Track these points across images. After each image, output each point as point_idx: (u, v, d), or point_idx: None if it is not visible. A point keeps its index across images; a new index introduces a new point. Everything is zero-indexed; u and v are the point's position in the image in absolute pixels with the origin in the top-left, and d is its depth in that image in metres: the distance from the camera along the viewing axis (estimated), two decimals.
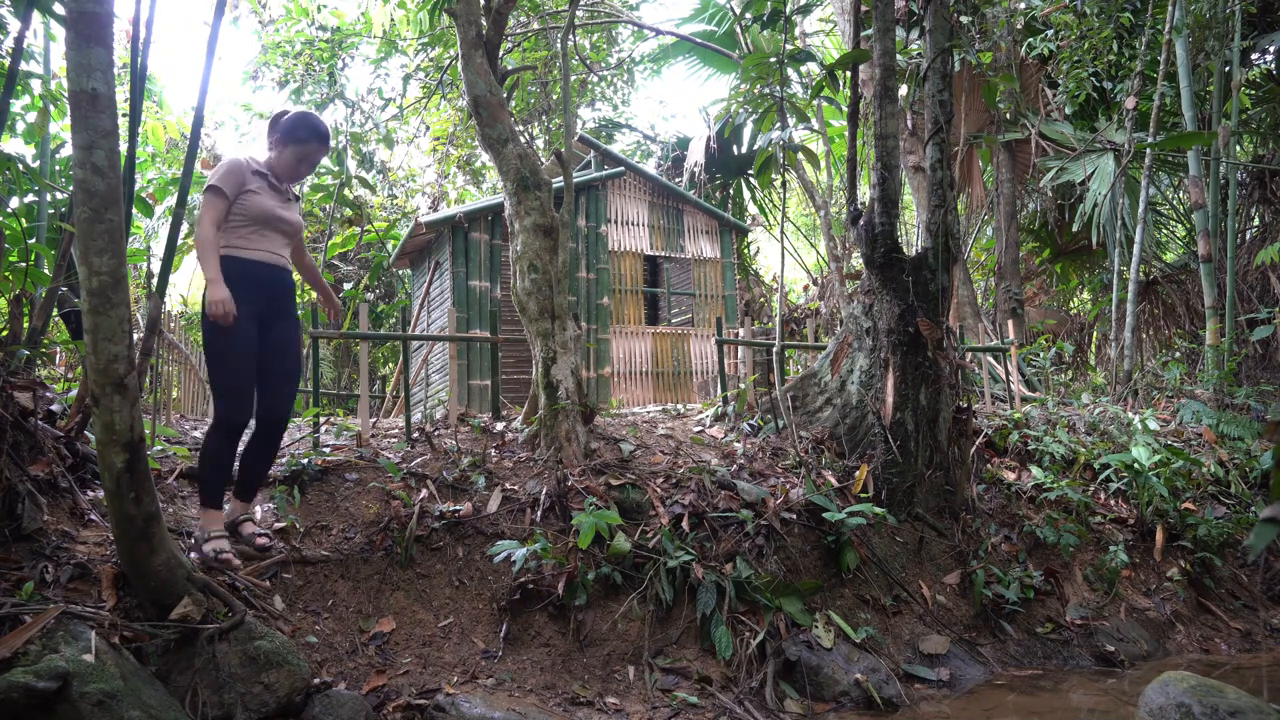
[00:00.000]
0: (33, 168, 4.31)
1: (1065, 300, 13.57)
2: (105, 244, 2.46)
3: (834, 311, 11.33)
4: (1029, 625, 4.22)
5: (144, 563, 2.62)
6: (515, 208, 4.71)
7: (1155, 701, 2.58)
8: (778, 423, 5.07)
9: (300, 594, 3.27)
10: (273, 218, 3.31)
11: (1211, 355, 7.40)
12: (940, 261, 4.57)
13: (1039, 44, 9.52)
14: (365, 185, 8.52)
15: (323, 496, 3.81)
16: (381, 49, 13.55)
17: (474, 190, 16.11)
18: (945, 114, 4.69)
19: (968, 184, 11.36)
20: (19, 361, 3.41)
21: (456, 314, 8.74)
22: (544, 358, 4.51)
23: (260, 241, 3.29)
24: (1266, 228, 9.37)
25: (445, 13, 5.26)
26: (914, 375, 4.46)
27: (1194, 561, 4.91)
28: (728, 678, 3.38)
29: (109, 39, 2.52)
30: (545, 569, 3.53)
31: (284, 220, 3.35)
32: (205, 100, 3.85)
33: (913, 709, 3.35)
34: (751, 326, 7.88)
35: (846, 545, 4.01)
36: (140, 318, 6.74)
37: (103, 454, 2.53)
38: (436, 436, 4.62)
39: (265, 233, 3.30)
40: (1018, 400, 6.68)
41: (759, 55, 5.63)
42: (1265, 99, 9.49)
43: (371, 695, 2.91)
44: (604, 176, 11.11)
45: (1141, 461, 5.02)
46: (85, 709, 2.10)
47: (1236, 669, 4.06)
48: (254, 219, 3.27)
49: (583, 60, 12.49)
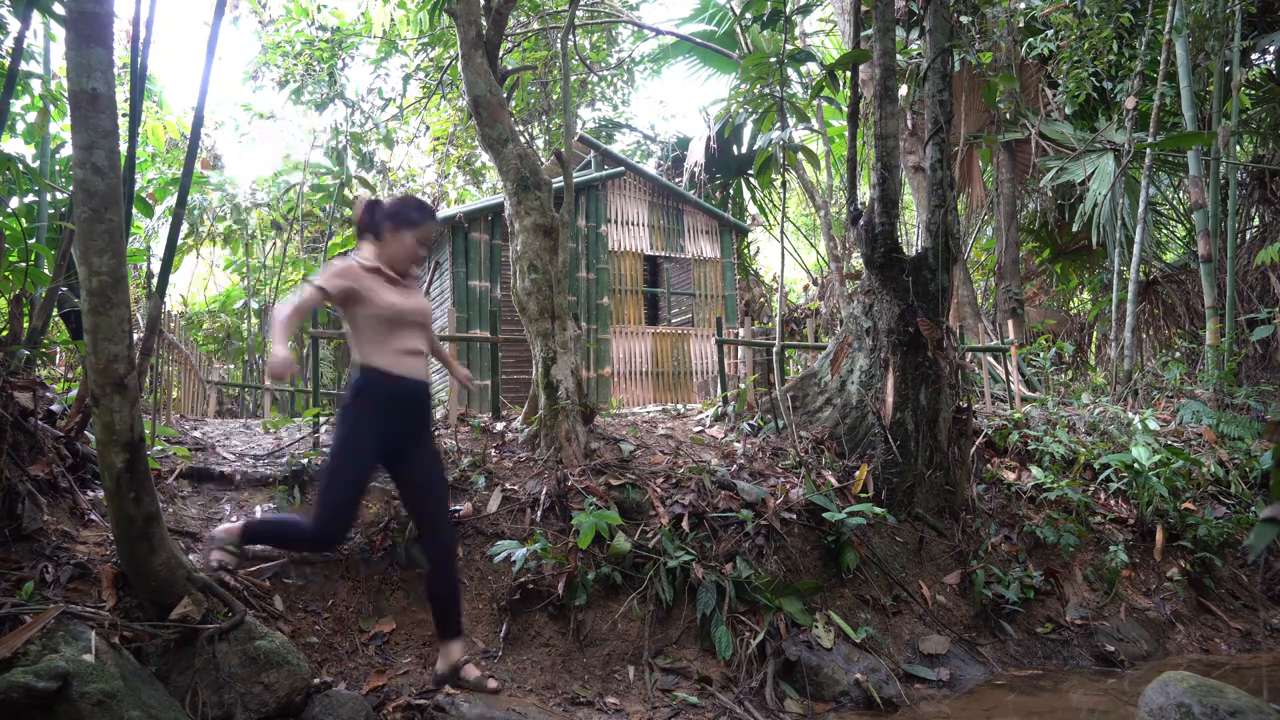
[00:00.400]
0: (33, 168, 4.31)
1: (1065, 300, 13.57)
2: (105, 244, 2.46)
3: (834, 311, 11.32)
4: (1029, 625, 4.22)
5: (144, 563, 2.62)
6: (515, 208, 4.71)
7: (1155, 701, 2.58)
8: (778, 423, 5.06)
9: (300, 594, 3.27)
10: (402, 312, 3.00)
11: (1211, 355, 7.40)
12: (940, 261, 4.57)
13: (1039, 44, 9.52)
14: (365, 185, 8.52)
15: None
16: (381, 49, 13.55)
17: (474, 190, 16.11)
18: (945, 114, 4.68)
19: (968, 184, 11.36)
20: (19, 361, 3.41)
21: (456, 314, 8.74)
22: (544, 358, 4.51)
23: (398, 345, 2.99)
24: (1266, 228, 9.37)
25: (445, 13, 5.26)
26: (914, 375, 4.46)
27: (1194, 561, 4.91)
28: (728, 678, 3.38)
29: (109, 39, 2.52)
30: (545, 569, 3.53)
31: (412, 312, 3.05)
32: (205, 100, 3.85)
33: (913, 709, 3.35)
34: (751, 326, 7.88)
35: (846, 545, 4.01)
36: (140, 318, 6.74)
37: (103, 454, 2.53)
38: (436, 436, 4.62)
39: (399, 331, 3.00)
40: (1018, 400, 6.68)
41: (759, 55, 5.63)
42: (1265, 99, 9.49)
43: (371, 695, 2.91)
44: (604, 176, 11.11)
45: (1141, 461, 5.01)
46: (85, 709, 2.10)
47: (1236, 669, 4.06)
48: (384, 319, 2.97)
49: (583, 60, 12.49)
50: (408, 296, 3.07)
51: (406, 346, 3.02)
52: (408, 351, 3.02)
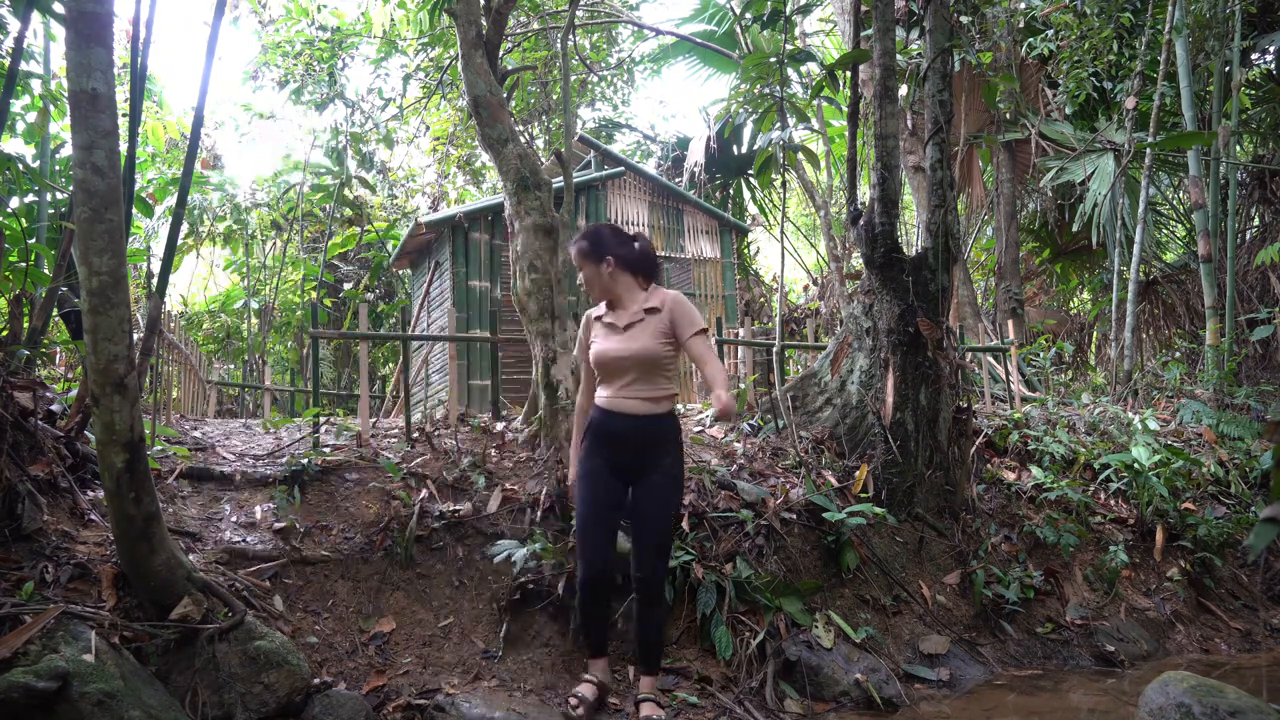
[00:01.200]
0: (33, 168, 4.31)
1: (1065, 300, 13.57)
2: (105, 244, 2.46)
3: (834, 311, 11.32)
4: (1029, 625, 4.22)
5: (144, 563, 2.62)
6: (515, 208, 4.71)
7: (1155, 701, 2.58)
8: (778, 423, 5.07)
9: (300, 594, 3.27)
10: (606, 360, 3.07)
11: (1211, 355, 7.40)
12: (940, 261, 4.57)
13: (1039, 44, 9.51)
14: (365, 185, 8.51)
15: (323, 496, 3.81)
16: (381, 49, 13.54)
17: (474, 190, 16.10)
18: (945, 114, 4.68)
19: (968, 184, 11.36)
20: (19, 361, 3.41)
21: (456, 314, 8.74)
22: (544, 358, 4.51)
23: (606, 388, 3.10)
24: (1266, 228, 9.38)
25: (445, 13, 5.26)
26: (914, 375, 4.46)
27: (1194, 561, 4.91)
28: (728, 678, 3.38)
29: (109, 39, 2.52)
30: (545, 569, 3.53)
31: (617, 358, 3.04)
32: (205, 100, 3.85)
33: (913, 709, 3.35)
34: (751, 326, 7.88)
35: (846, 545, 4.01)
36: (140, 318, 6.74)
37: (103, 454, 2.53)
38: (436, 436, 4.62)
39: (609, 380, 3.09)
40: (1018, 400, 6.67)
41: (759, 55, 5.63)
42: (1265, 99, 9.49)
43: (371, 695, 2.91)
44: (604, 176, 11.11)
45: (1141, 461, 5.01)
46: (85, 709, 2.10)
47: (1236, 669, 4.06)
48: (596, 367, 3.13)
49: (583, 60, 12.48)
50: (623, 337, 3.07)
51: (619, 391, 3.07)
52: (621, 395, 3.06)
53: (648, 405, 3.04)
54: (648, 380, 3.03)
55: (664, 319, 3.03)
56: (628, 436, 3.04)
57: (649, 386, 3.04)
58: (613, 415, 3.05)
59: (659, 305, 3.06)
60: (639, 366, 3.02)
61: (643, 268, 3.17)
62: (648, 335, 3.02)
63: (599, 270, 3.12)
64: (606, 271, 3.11)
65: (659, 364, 3.03)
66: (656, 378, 3.04)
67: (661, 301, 3.07)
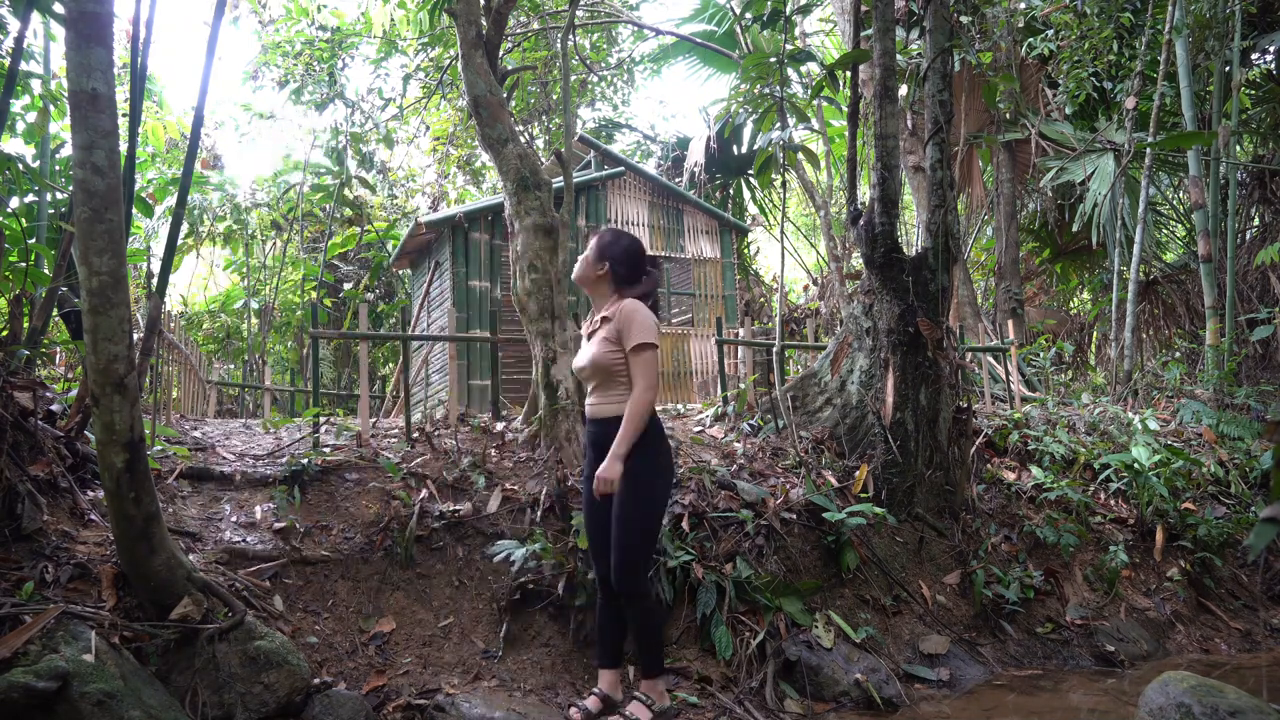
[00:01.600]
0: (33, 168, 4.31)
1: (1065, 300, 13.57)
2: (105, 244, 2.46)
3: (834, 311, 11.33)
4: (1029, 625, 4.22)
5: (144, 563, 2.62)
6: (515, 208, 4.71)
7: (1155, 701, 2.58)
8: (778, 423, 5.06)
9: (300, 594, 3.27)
10: (574, 367, 3.25)
11: (1211, 355, 7.40)
12: (940, 261, 4.57)
13: (1039, 44, 9.51)
14: (365, 185, 8.51)
15: (323, 496, 3.81)
16: (381, 49, 13.54)
17: (474, 190, 16.10)
18: (945, 114, 4.68)
19: (968, 184, 11.36)
20: (19, 361, 3.41)
21: (456, 314, 8.75)
22: (544, 358, 4.51)
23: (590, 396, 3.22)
24: (1266, 228, 9.38)
25: (445, 13, 5.26)
26: (914, 375, 4.46)
27: (1194, 561, 4.91)
28: (728, 678, 3.38)
29: (109, 39, 2.52)
30: (545, 569, 3.53)
31: (578, 366, 3.20)
32: (205, 100, 3.85)
33: (913, 709, 3.35)
34: (751, 326, 7.88)
35: (846, 545, 4.01)
36: (140, 318, 6.74)
37: (103, 454, 2.53)
38: (436, 436, 4.62)
39: (585, 385, 3.23)
40: (1018, 400, 6.67)
41: (759, 55, 5.63)
42: (1265, 99, 9.48)
43: (371, 695, 2.91)
44: (604, 176, 11.11)
45: (1141, 461, 5.01)
46: (85, 709, 2.10)
47: (1236, 669, 4.06)
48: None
49: (583, 60, 12.48)
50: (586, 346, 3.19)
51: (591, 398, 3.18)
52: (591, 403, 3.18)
53: (608, 409, 3.07)
54: (605, 387, 3.09)
55: (614, 328, 3.05)
56: (596, 441, 3.12)
57: (606, 393, 3.09)
58: (587, 420, 3.20)
59: (611, 314, 3.09)
60: (596, 374, 3.09)
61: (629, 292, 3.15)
62: (598, 343, 3.08)
63: (595, 265, 3.18)
64: (597, 271, 3.17)
65: (609, 372, 3.05)
66: (612, 385, 3.07)
67: (615, 310, 3.08)
